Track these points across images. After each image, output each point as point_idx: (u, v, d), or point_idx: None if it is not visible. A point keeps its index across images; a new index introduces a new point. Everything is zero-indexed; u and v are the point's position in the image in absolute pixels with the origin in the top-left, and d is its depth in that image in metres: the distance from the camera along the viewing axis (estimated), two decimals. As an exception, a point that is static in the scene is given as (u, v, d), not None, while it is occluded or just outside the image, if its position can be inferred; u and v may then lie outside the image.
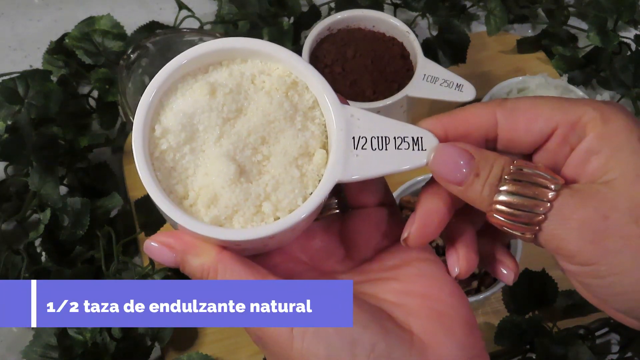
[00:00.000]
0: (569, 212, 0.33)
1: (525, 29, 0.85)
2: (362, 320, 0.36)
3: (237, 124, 0.38)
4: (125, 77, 0.63)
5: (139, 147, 0.36)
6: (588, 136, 0.34)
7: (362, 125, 0.36)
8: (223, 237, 0.35)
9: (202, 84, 0.38)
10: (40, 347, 0.59)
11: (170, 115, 0.38)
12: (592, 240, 0.32)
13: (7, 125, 0.68)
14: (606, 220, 0.32)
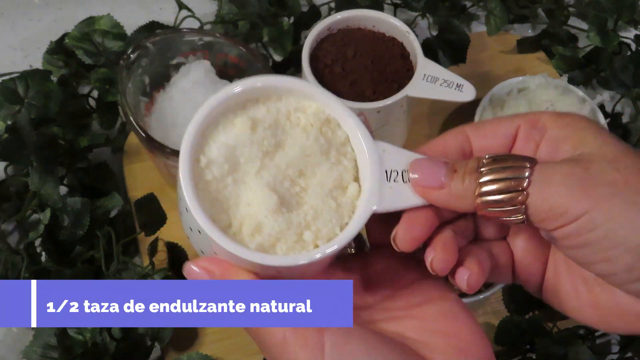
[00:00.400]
0: (550, 171, 0.34)
1: (525, 29, 0.85)
2: (390, 354, 0.36)
3: (276, 157, 0.40)
4: (125, 77, 0.63)
5: (187, 178, 0.38)
6: (550, 129, 0.36)
7: (393, 159, 0.39)
8: (269, 262, 0.38)
9: (243, 119, 0.40)
10: (40, 347, 0.59)
11: (214, 148, 0.40)
12: (581, 188, 0.33)
13: (7, 125, 0.68)
14: (589, 170, 0.34)
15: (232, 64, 0.67)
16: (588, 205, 0.33)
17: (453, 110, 0.77)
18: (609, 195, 0.33)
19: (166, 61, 0.66)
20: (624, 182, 0.34)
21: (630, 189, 0.33)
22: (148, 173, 0.72)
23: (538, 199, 0.34)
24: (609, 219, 0.33)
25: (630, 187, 0.33)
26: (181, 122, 0.64)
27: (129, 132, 0.75)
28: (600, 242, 0.34)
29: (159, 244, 0.65)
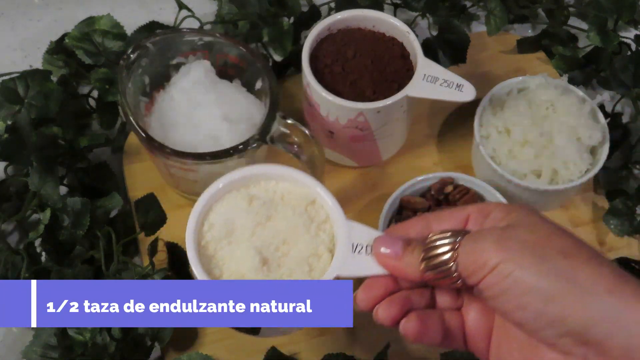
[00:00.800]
0: (476, 235, 0.42)
1: (525, 29, 0.85)
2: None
3: (266, 227, 0.50)
4: (125, 77, 0.63)
5: (191, 239, 0.49)
6: (494, 212, 0.44)
7: (360, 235, 0.48)
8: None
9: (243, 195, 0.51)
10: (40, 347, 0.59)
11: (216, 216, 0.51)
12: (498, 244, 0.40)
13: (7, 125, 0.68)
14: (506, 231, 0.41)
15: (232, 64, 0.67)
16: (502, 257, 0.40)
17: (453, 110, 0.77)
18: (521, 249, 0.40)
19: (166, 61, 0.67)
20: (535, 241, 0.40)
21: (539, 246, 0.40)
22: (148, 173, 0.72)
23: (464, 256, 0.42)
24: (519, 268, 0.39)
25: (539, 245, 0.40)
26: (181, 122, 0.64)
27: (129, 132, 0.75)
28: (512, 290, 0.39)
29: (159, 244, 0.65)
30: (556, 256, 0.39)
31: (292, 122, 0.61)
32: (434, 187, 0.66)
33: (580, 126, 0.68)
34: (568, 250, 0.40)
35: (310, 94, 0.66)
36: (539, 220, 0.42)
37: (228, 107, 0.64)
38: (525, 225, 0.41)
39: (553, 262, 0.39)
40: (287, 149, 0.62)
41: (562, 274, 0.39)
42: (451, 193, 0.65)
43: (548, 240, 0.40)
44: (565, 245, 0.40)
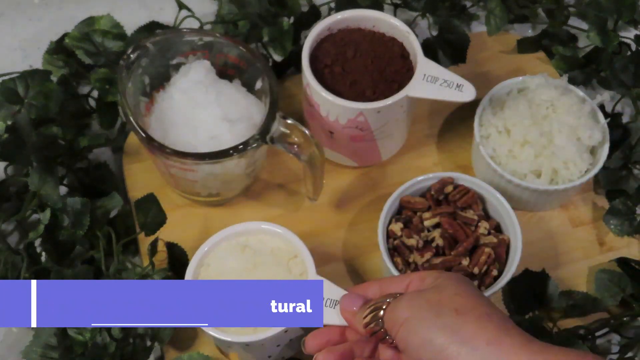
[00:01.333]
0: (400, 297, 0.50)
1: (525, 29, 0.85)
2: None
3: (252, 273, 0.59)
4: (125, 77, 0.63)
5: (190, 274, 0.59)
6: (427, 278, 0.51)
7: (331, 291, 0.55)
8: (224, 338, 0.57)
9: (240, 243, 0.61)
10: (40, 347, 0.59)
11: (213, 259, 0.61)
12: (408, 303, 0.48)
13: (7, 125, 0.68)
14: (421, 292, 0.49)
15: (232, 64, 0.67)
16: (409, 314, 0.47)
17: (453, 110, 0.77)
18: (424, 307, 0.47)
19: (166, 61, 0.66)
20: (438, 300, 0.47)
21: (439, 305, 0.46)
22: (148, 173, 0.72)
23: (387, 314, 0.49)
24: (419, 322, 0.46)
25: (440, 304, 0.46)
26: (181, 122, 0.64)
27: (129, 132, 0.75)
28: (414, 342, 0.46)
29: (159, 244, 0.65)
30: (449, 313, 0.46)
31: (292, 122, 0.61)
32: (434, 187, 0.65)
33: (580, 126, 0.68)
34: (462, 308, 0.46)
35: (310, 94, 0.66)
36: (453, 283, 0.48)
37: (228, 107, 0.64)
38: (439, 287, 0.48)
39: (446, 318, 0.46)
40: (287, 149, 0.62)
41: (450, 328, 0.45)
42: (451, 193, 0.65)
43: (449, 300, 0.47)
44: (462, 304, 0.46)
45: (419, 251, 0.62)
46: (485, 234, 0.63)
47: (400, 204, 0.66)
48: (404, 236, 0.63)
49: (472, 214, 0.64)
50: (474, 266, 0.61)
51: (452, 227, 0.62)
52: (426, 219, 0.63)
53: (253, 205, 0.71)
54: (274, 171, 0.73)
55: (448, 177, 0.66)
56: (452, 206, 0.64)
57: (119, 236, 0.66)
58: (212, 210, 0.71)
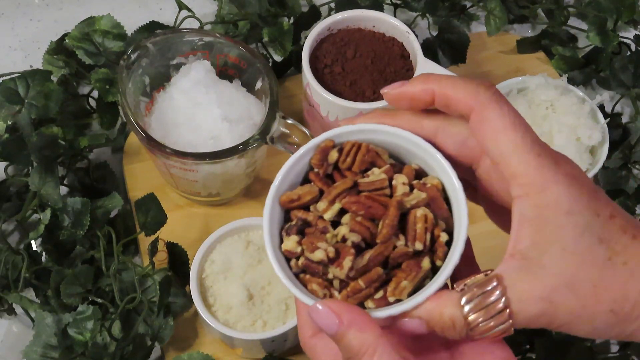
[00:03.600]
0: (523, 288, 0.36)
1: (525, 29, 0.85)
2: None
3: (256, 269, 0.61)
4: (126, 77, 0.63)
5: (195, 271, 0.61)
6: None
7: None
8: (228, 333, 0.58)
9: (242, 239, 0.63)
10: (40, 347, 0.59)
11: (217, 254, 0.62)
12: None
13: (7, 125, 0.68)
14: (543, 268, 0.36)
15: (232, 64, 0.67)
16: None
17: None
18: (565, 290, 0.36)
19: (166, 61, 0.67)
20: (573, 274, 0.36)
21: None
22: (148, 173, 0.72)
23: (521, 319, 0.36)
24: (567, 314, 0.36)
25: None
26: (181, 122, 0.64)
27: (129, 132, 0.75)
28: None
29: (159, 244, 0.65)
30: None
31: (292, 122, 0.61)
32: (314, 163, 0.43)
33: (579, 126, 0.68)
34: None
35: (310, 94, 0.67)
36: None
37: (228, 107, 0.64)
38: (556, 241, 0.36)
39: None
40: (287, 149, 0.62)
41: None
42: (339, 160, 0.42)
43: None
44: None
45: (334, 262, 0.40)
46: (407, 193, 0.41)
47: (281, 208, 0.43)
48: (307, 251, 0.41)
49: (379, 173, 0.42)
50: (414, 241, 0.40)
51: (361, 206, 0.40)
52: (324, 211, 0.41)
53: (253, 205, 0.71)
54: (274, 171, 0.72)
55: (324, 140, 0.43)
56: (349, 177, 0.42)
57: (119, 236, 0.66)
58: (212, 210, 0.71)
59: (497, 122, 0.37)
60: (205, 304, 0.60)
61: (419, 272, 0.40)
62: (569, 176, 0.36)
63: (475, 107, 0.38)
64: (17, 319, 0.66)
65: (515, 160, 0.37)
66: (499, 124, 0.37)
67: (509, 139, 0.37)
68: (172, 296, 0.62)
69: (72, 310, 0.61)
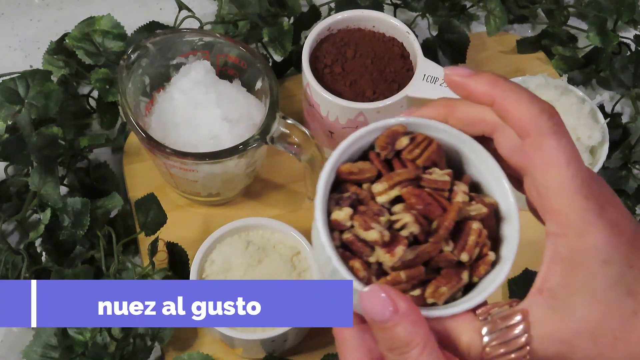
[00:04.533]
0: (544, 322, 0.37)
1: (525, 29, 0.85)
2: None
3: (257, 269, 0.61)
4: (126, 77, 0.63)
5: (195, 271, 0.61)
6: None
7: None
8: (228, 334, 0.59)
9: (242, 239, 0.63)
10: (40, 347, 0.59)
11: (217, 254, 0.62)
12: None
13: (7, 125, 0.68)
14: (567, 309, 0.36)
15: (232, 64, 0.67)
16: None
17: (453, 110, 0.77)
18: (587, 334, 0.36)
19: (166, 61, 0.67)
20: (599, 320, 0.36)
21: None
22: (148, 173, 0.72)
23: (538, 356, 0.36)
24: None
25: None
26: (181, 122, 0.64)
27: (129, 132, 0.75)
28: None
29: (159, 244, 0.65)
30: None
31: (292, 122, 0.61)
32: (379, 144, 0.41)
33: (580, 126, 0.68)
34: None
35: (310, 94, 0.66)
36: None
37: (228, 107, 0.64)
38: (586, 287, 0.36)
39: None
40: (287, 149, 0.62)
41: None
42: (407, 148, 0.41)
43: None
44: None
45: (386, 247, 0.39)
46: (467, 202, 0.41)
47: (337, 177, 0.41)
48: (358, 227, 0.39)
49: (442, 174, 0.41)
50: (462, 251, 0.40)
51: (421, 201, 0.40)
52: (379, 194, 0.40)
53: (253, 205, 0.71)
54: (274, 171, 0.73)
55: (397, 124, 0.41)
56: (412, 168, 0.41)
57: (119, 236, 0.66)
58: (212, 210, 0.71)
59: (551, 154, 0.36)
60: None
61: (458, 283, 0.39)
62: (612, 224, 0.36)
63: (532, 134, 0.37)
64: (17, 319, 0.66)
65: (560, 198, 0.36)
66: (553, 157, 0.36)
67: (559, 174, 0.36)
68: (172, 296, 0.62)
69: (72, 310, 0.61)
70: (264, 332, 0.58)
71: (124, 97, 0.62)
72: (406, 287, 0.39)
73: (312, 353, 0.64)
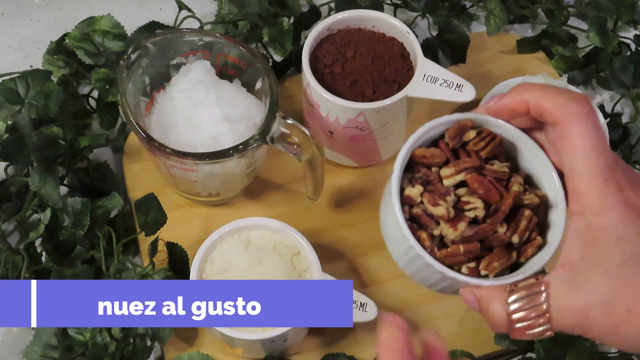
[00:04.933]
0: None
1: (525, 29, 0.85)
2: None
3: (256, 269, 0.60)
4: (126, 77, 0.63)
5: (195, 270, 0.60)
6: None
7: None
8: (228, 334, 0.58)
9: (242, 239, 0.62)
10: (40, 347, 0.59)
11: (217, 254, 0.62)
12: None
13: (7, 125, 0.68)
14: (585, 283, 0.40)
15: (232, 64, 0.67)
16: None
17: (453, 111, 0.77)
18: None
19: (166, 61, 0.67)
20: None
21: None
22: (148, 173, 0.72)
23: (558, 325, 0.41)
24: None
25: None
26: (181, 122, 0.64)
27: (129, 132, 0.75)
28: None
29: (159, 244, 0.65)
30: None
31: (292, 122, 0.61)
32: (450, 134, 0.48)
33: (580, 126, 0.68)
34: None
35: (310, 94, 0.67)
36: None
37: (228, 107, 0.64)
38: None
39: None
40: (287, 149, 0.62)
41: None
42: (473, 140, 0.48)
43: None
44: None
45: (450, 222, 0.46)
46: (522, 192, 0.48)
47: (411, 159, 0.49)
48: (427, 203, 0.47)
49: (502, 166, 0.48)
50: (513, 233, 0.47)
51: (482, 187, 0.47)
52: (446, 177, 0.47)
53: (253, 205, 0.71)
54: (274, 171, 0.73)
55: (467, 119, 0.49)
56: (475, 157, 0.48)
57: (119, 236, 0.66)
58: (212, 210, 0.71)
59: (577, 138, 0.40)
60: None
61: (508, 260, 0.46)
62: (629, 204, 0.39)
63: (561, 120, 0.41)
64: (17, 319, 0.66)
65: (582, 179, 0.40)
66: (579, 140, 0.40)
67: (583, 157, 0.40)
68: (172, 296, 0.62)
69: (72, 310, 0.61)
70: (264, 332, 0.58)
71: (124, 97, 0.62)
72: (462, 259, 0.46)
73: (312, 353, 0.64)
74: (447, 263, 0.46)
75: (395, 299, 0.66)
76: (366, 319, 0.60)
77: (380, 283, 0.67)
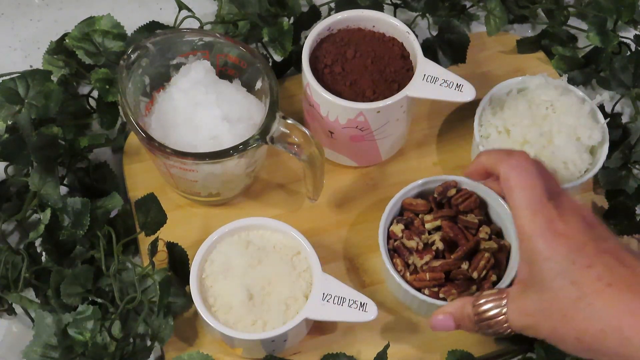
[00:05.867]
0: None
1: (525, 29, 0.85)
2: None
3: (256, 269, 0.61)
4: (126, 77, 0.63)
5: (195, 270, 0.60)
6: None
7: (331, 287, 0.59)
8: (228, 334, 0.58)
9: (242, 239, 0.62)
10: (40, 347, 0.59)
11: (217, 254, 0.62)
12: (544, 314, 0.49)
13: (7, 125, 0.68)
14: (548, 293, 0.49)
15: (232, 64, 0.67)
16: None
17: (453, 110, 0.77)
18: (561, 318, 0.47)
19: (166, 61, 0.67)
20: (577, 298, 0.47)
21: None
22: (148, 173, 0.72)
23: (514, 326, 0.50)
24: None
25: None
26: (181, 122, 0.64)
27: (129, 132, 0.75)
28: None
29: (159, 244, 0.65)
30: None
31: (292, 122, 0.61)
32: (437, 190, 0.64)
33: (579, 126, 0.68)
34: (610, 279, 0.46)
35: (310, 94, 0.67)
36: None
37: (228, 107, 0.64)
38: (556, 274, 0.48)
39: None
40: (287, 149, 0.62)
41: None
42: (454, 196, 0.64)
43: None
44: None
45: (418, 253, 0.62)
46: (486, 239, 0.63)
47: (402, 206, 0.65)
48: (404, 238, 0.63)
49: (473, 217, 0.63)
50: (473, 270, 0.61)
51: (452, 231, 0.62)
52: (427, 222, 0.63)
53: (253, 205, 0.71)
54: (274, 171, 0.73)
55: (452, 180, 0.65)
56: (453, 209, 0.64)
57: (119, 236, 0.66)
58: (212, 210, 0.71)
59: (512, 182, 0.50)
60: (206, 304, 0.60)
61: (467, 291, 0.61)
62: (556, 232, 0.48)
63: (501, 172, 0.51)
64: (17, 319, 0.66)
65: (517, 213, 0.50)
66: (513, 184, 0.50)
67: (516, 196, 0.50)
68: (172, 296, 0.62)
69: (72, 310, 0.61)
70: (264, 332, 0.58)
71: (124, 97, 0.62)
72: (428, 284, 0.61)
73: (312, 353, 0.64)
74: (416, 286, 0.61)
75: (395, 299, 0.66)
76: (366, 319, 0.59)
77: (380, 283, 0.67)
